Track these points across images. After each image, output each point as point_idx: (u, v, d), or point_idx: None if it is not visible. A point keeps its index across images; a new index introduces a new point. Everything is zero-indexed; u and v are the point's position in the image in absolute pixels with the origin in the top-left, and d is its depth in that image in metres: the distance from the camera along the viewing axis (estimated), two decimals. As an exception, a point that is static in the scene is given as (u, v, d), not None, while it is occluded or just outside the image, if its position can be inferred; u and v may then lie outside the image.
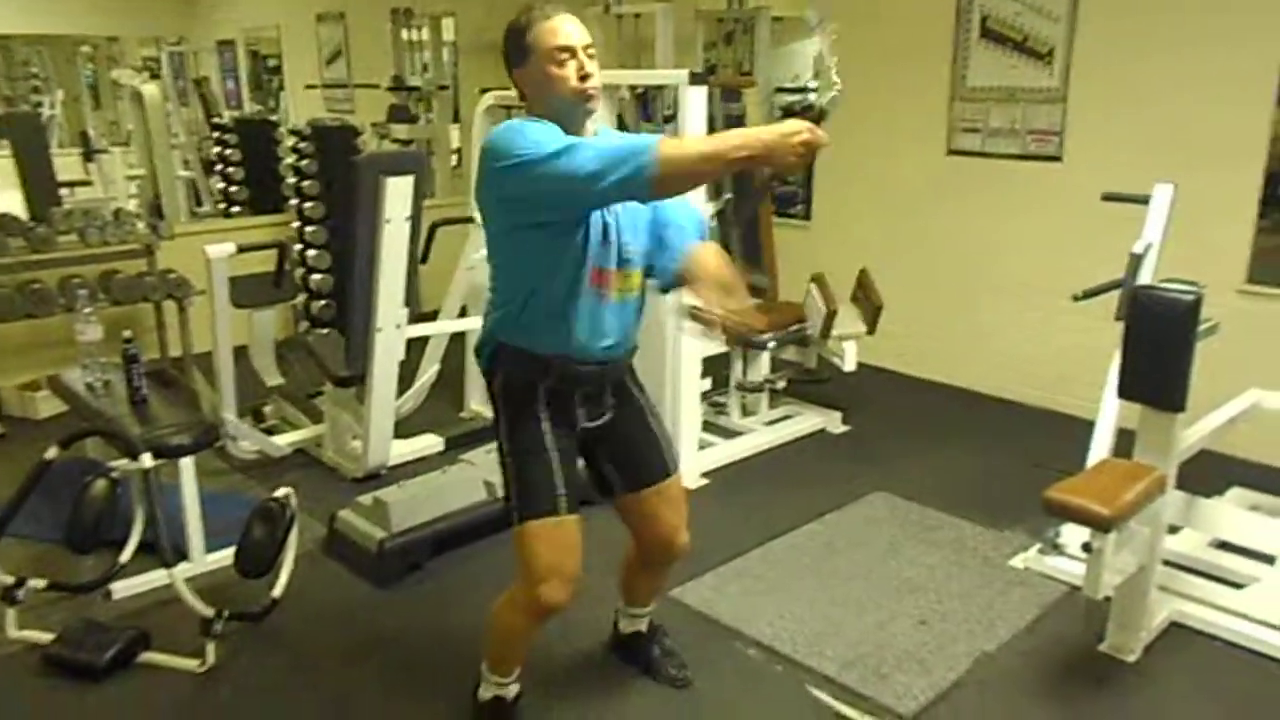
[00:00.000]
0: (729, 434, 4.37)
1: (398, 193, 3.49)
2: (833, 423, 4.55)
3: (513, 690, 2.47)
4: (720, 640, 2.88)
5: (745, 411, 4.55)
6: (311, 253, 4.05)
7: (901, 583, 3.19)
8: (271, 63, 7.65)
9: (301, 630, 2.94)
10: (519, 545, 2.19)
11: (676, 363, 3.83)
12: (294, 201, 4.16)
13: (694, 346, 3.84)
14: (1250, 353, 3.68)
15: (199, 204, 6.88)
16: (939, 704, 2.59)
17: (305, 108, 6.87)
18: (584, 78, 2.01)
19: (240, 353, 4.16)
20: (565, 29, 2.02)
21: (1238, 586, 3.02)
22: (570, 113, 2.04)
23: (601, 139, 2.06)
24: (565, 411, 2.20)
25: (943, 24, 4.81)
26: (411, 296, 3.77)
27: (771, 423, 4.49)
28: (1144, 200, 3.36)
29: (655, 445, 2.38)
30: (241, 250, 3.86)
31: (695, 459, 3.98)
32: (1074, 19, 4.39)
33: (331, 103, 7.04)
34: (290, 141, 4.31)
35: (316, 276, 4.06)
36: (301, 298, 4.12)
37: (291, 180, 4.18)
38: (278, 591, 2.99)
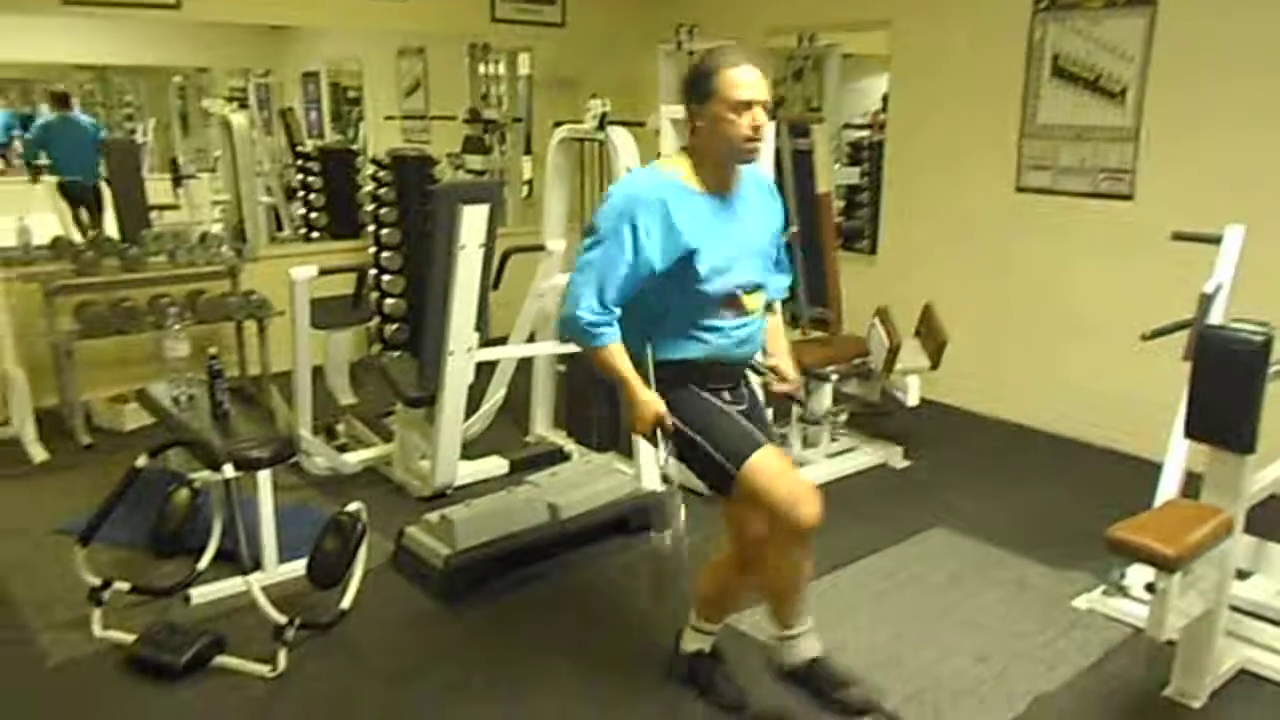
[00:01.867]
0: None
1: (473, 221, 3.61)
2: (894, 457, 4.54)
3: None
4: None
5: (807, 444, 4.56)
6: (387, 277, 4.19)
7: (961, 619, 3.18)
8: (352, 94, 7.91)
9: (367, 641, 3.03)
10: (752, 486, 2.28)
11: (739, 392, 3.87)
12: (371, 228, 4.31)
13: (757, 379, 3.88)
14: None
15: (279, 229, 7.12)
16: (997, 741, 2.58)
17: (384, 138, 7.09)
18: (755, 128, 2.23)
19: (316, 372, 4.30)
20: (749, 82, 2.21)
21: (1310, 635, 2.95)
22: (732, 157, 2.29)
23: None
24: (715, 393, 2.41)
25: (1014, 62, 4.82)
26: (483, 322, 3.88)
27: (833, 456, 4.49)
28: (1215, 240, 3.33)
29: (770, 427, 2.61)
30: (323, 273, 4.00)
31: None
32: (1147, 58, 4.37)
33: (409, 133, 7.26)
34: (370, 170, 4.47)
35: (391, 300, 4.19)
36: (375, 320, 4.26)
37: (370, 207, 4.33)
38: (346, 603, 3.10)
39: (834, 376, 4.27)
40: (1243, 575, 3.12)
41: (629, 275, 2.24)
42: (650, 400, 2.29)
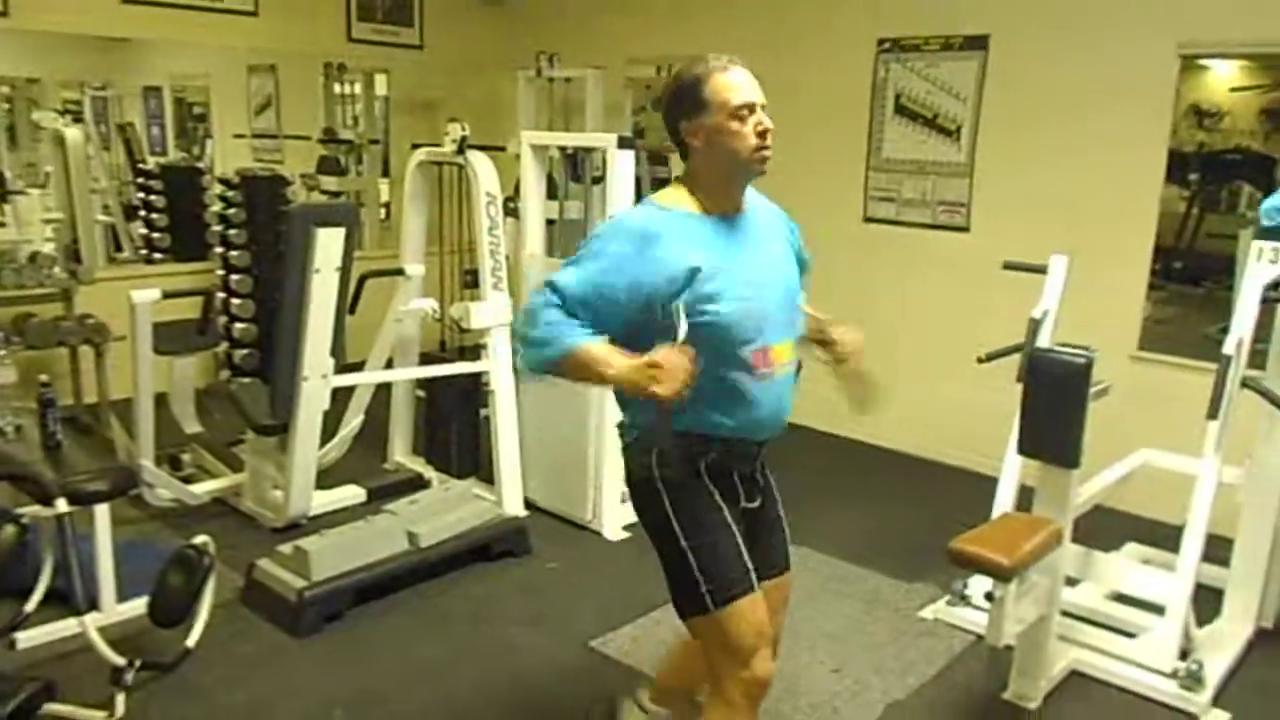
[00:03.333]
0: (651, 488, 4.43)
1: (328, 243, 3.53)
2: (752, 478, 4.64)
3: None
4: (639, 688, 2.92)
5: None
6: (236, 301, 4.05)
7: (816, 633, 3.28)
8: (198, 110, 7.61)
9: (215, 680, 2.90)
10: (721, 630, 1.99)
11: (601, 416, 3.90)
12: (219, 250, 4.15)
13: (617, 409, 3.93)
14: (1141, 416, 3.89)
15: (118, 249, 6.75)
16: (851, 750, 2.67)
17: (232, 157, 6.84)
18: (763, 134, 1.94)
19: (160, 400, 4.10)
20: (747, 84, 1.95)
21: (1131, 636, 3.17)
22: (740, 173, 1.99)
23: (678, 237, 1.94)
24: (730, 490, 2.07)
25: (860, 99, 5.06)
26: (338, 347, 3.79)
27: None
28: (1042, 269, 3.57)
29: (784, 532, 2.27)
30: (167, 296, 3.83)
31: (617, 512, 4.03)
32: (979, 99, 4.67)
33: (260, 153, 7.02)
34: (218, 190, 4.32)
35: (240, 325, 4.05)
36: (224, 346, 4.10)
37: (217, 228, 4.17)
38: (192, 641, 2.95)
39: (693, 399, 4.34)
40: (1072, 582, 3.34)
41: (609, 294, 1.88)
42: (634, 362, 1.82)
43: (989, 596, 2.66)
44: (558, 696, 2.90)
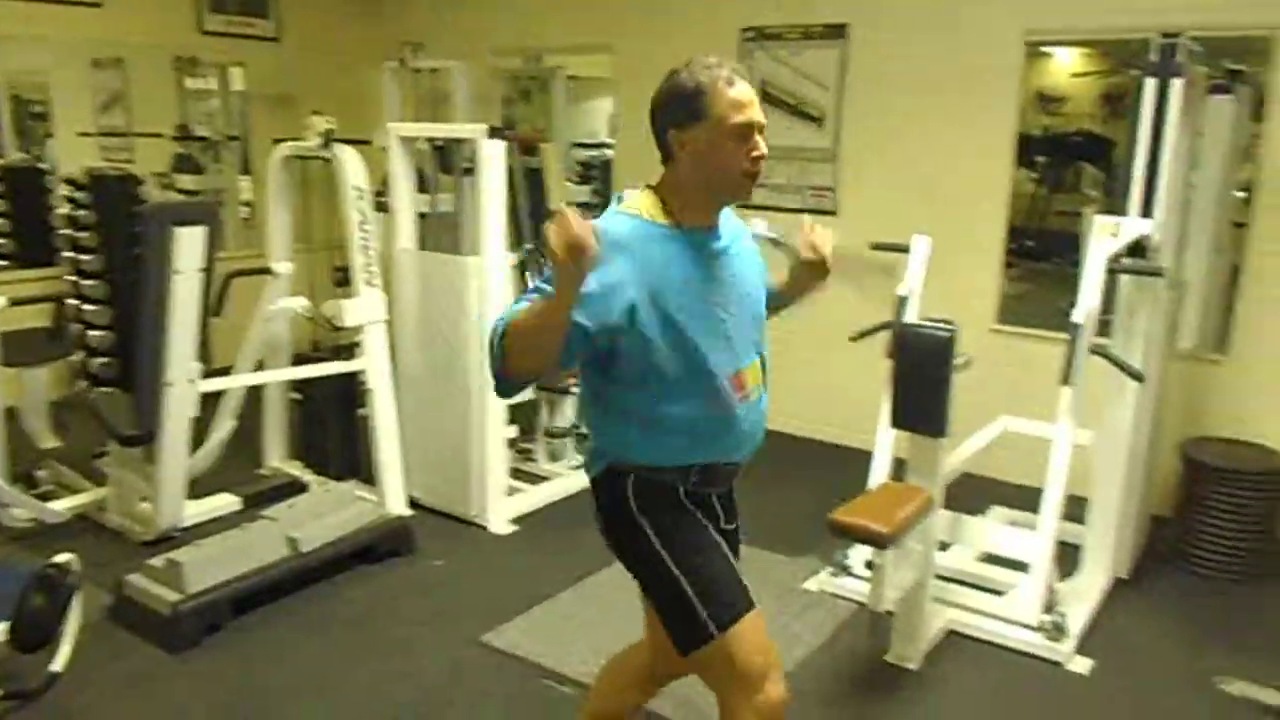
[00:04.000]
0: (536, 479, 4.43)
1: (189, 243, 3.39)
2: (637, 465, 4.68)
3: None
4: (533, 680, 2.93)
5: (553, 457, 4.63)
6: (89, 308, 3.83)
7: (706, 612, 3.33)
8: (36, 108, 7.17)
9: (88, 704, 2.76)
10: (727, 655, 1.86)
11: (483, 410, 3.87)
12: (68, 254, 3.92)
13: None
14: (1001, 386, 4.10)
15: (-46, 258, 6.33)
16: (744, 722, 2.73)
17: (77, 156, 6.48)
18: (756, 159, 1.81)
19: (9, 414, 3.87)
20: (752, 103, 1.80)
21: (1000, 594, 3.34)
22: (724, 194, 1.86)
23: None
24: (710, 512, 1.98)
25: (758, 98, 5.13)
26: (205, 350, 3.64)
27: (578, 467, 4.58)
28: (905, 249, 3.72)
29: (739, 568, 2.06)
30: (15, 304, 3.61)
31: (504, 505, 4.02)
32: (841, 86, 4.81)
33: (108, 151, 6.66)
34: (64, 191, 4.08)
35: (96, 333, 3.84)
36: (79, 355, 3.88)
37: (66, 231, 3.95)
38: (58, 665, 2.79)
39: (576, 389, 4.36)
40: (944, 547, 3.50)
41: (584, 324, 1.71)
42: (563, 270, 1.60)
43: (869, 565, 2.77)
44: (452, 692, 2.87)
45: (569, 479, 4.42)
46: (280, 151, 4.16)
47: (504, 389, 1.81)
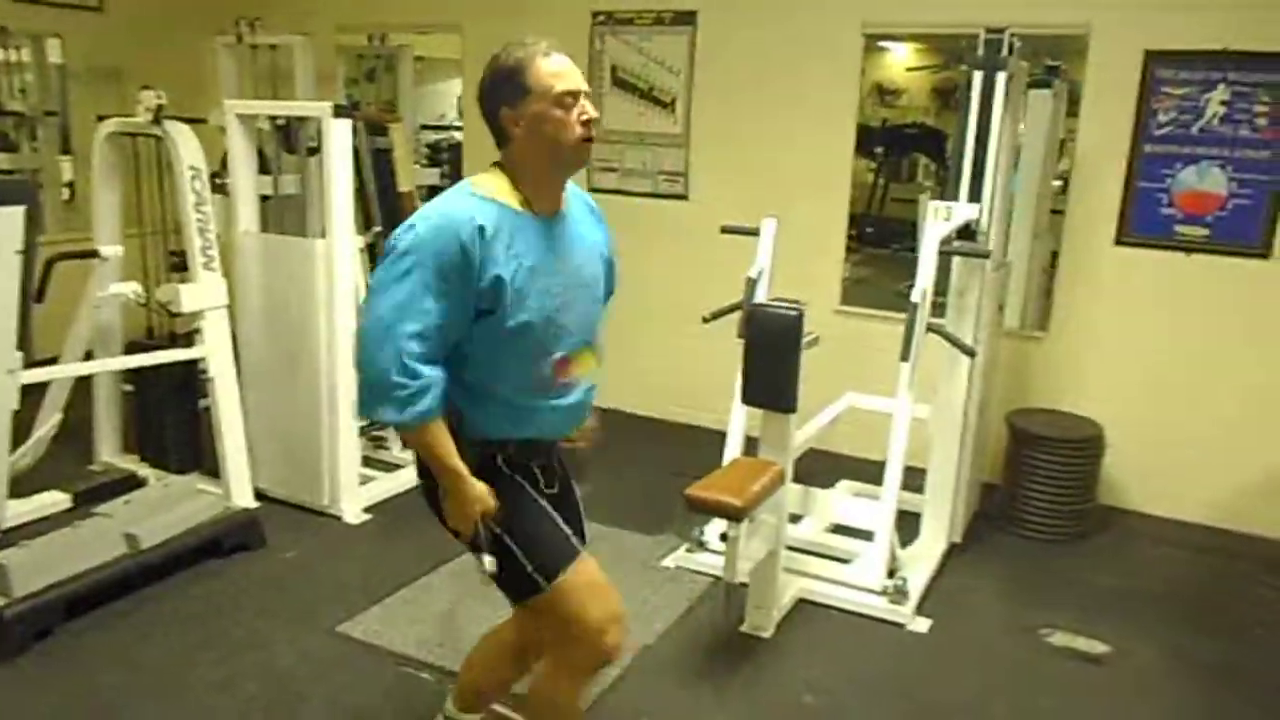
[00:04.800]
0: (390, 467, 4.34)
1: (5, 225, 3.15)
2: (493, 450, 4.65)
3: None
4: (390, 668, 2.88)
5: (405, 445, 4.54)
6: (-109, 294, 3.53)
7: (566, 592, 3.36)
8: None
9: (-100, 722, 2.56)
10: (558, 605, 1.96)
11: (334, 397, 3.77)
12: None
13: (351, 381, 3.81)
14: (845, 365, 4.27)
15: None
16: (608, 696, 2.78)
17: None
18: (587, 123, 1.88)
19: None
20: (570, 71, 1.89)
21: (847, 562, 3.49)
22: (563, 164, 1.92)
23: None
24: (529, 477, 2.04)
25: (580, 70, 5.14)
26: (25, 339, 3.40)
27: (433, 454, 4.51)
28: (755, 232, 3.82)
29: (580, 515, 2.21)
30: None
31: (356, 494, 3.93)
32: (691, 74, 4.90)
33: (-96, 126, 6.12)
34: None
35: (-102, 322, 3.54)
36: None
37: None
38: None
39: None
40: (795, 519, 3.63)
41: (448, 320, 1.82)
42: (478, 494, 1.89)
43: (724, 537, 2.85)
44: (308, 683, 2.80)
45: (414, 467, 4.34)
46: (105, 128, 3.92)
47: (371, 417, 1.91)
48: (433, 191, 6.06)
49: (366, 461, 4.24)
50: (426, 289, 1.79)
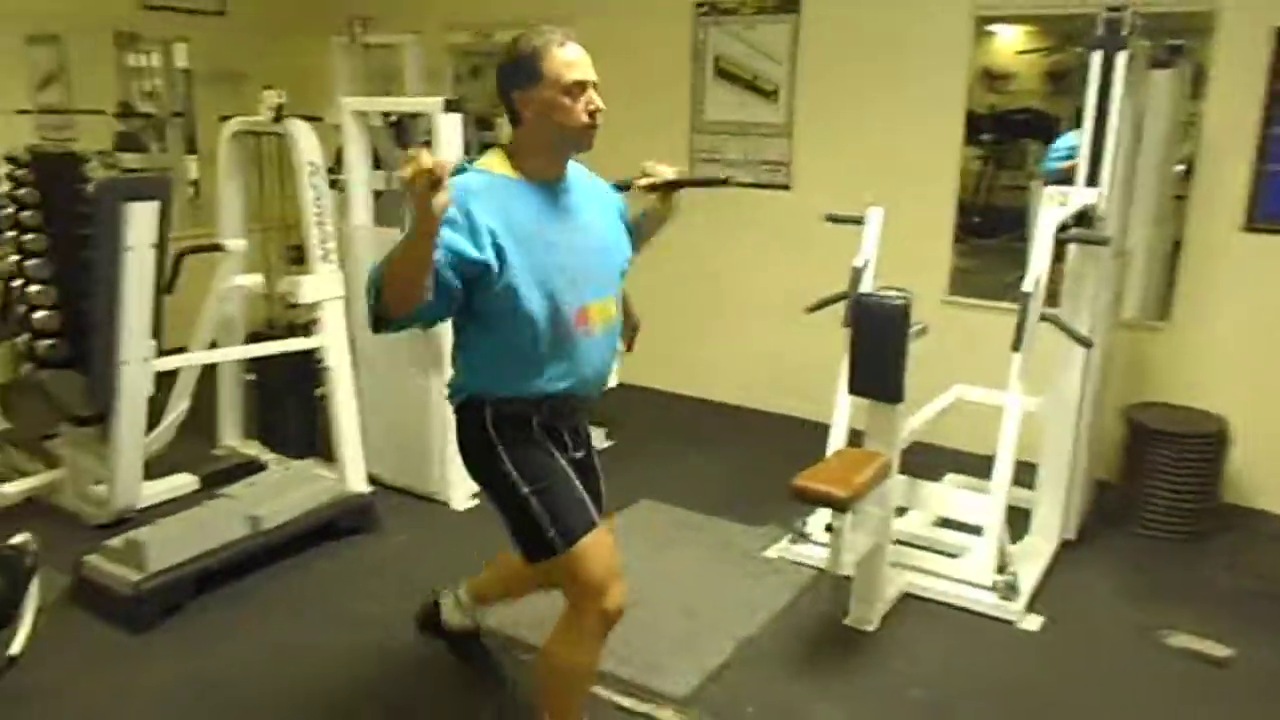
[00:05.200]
0: (497, 456, 4.42)
1: (141, 219, 3.34)
2: (597, 438, 4.70)
3: None
4: (498, 650, 2.94)
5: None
6: (34, 289, 3.75)
7: (668, 579, 3.39)
8: (-31, 86, 6.96)
9: (48, 687, 2.73)
10: (572, 569, 2.11)
11: (443, 386, 3.86)
12: (10, 233, 3.84)
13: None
14: (953, 356, 4.18)
15: (-114, 240, 6.14)
16: (709, 685, 2.79)
17: (15, 134, 6.31)
18: (593, 113, 2.03)
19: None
20: (582, 62, 2.03)
21: (955, 557, 3.43)
22: (567, 146, 2.07)
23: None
24: (559, 442, 2.20)
25: (681, 62, 5.16)
26: (158, 329, 3.59)
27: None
28: (860, 221, 3.77)
29: (600, 478, 2.37)
30: (-43, 283, 3.53)
31: (464, 481, 4.01)
32: (795, 62, 4.85)
33: (46, 130, 6.49)
34: (4, 169, 3.98)
35: (41, 314, 3.76)
36: (25, 336, 3.80)
37: (8, 211, 3.86)
38: (17, 648, 2.77)
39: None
40: (901, 512, 3.58)
41: (455, 253, 1.91)
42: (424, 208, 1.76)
43: (829, 528, 2.83)
44: (418, 664, 2.88)
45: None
46: (231, 127, 4.10)
47: (380, 326, 1.96)
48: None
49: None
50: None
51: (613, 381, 4.36)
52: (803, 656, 2.99)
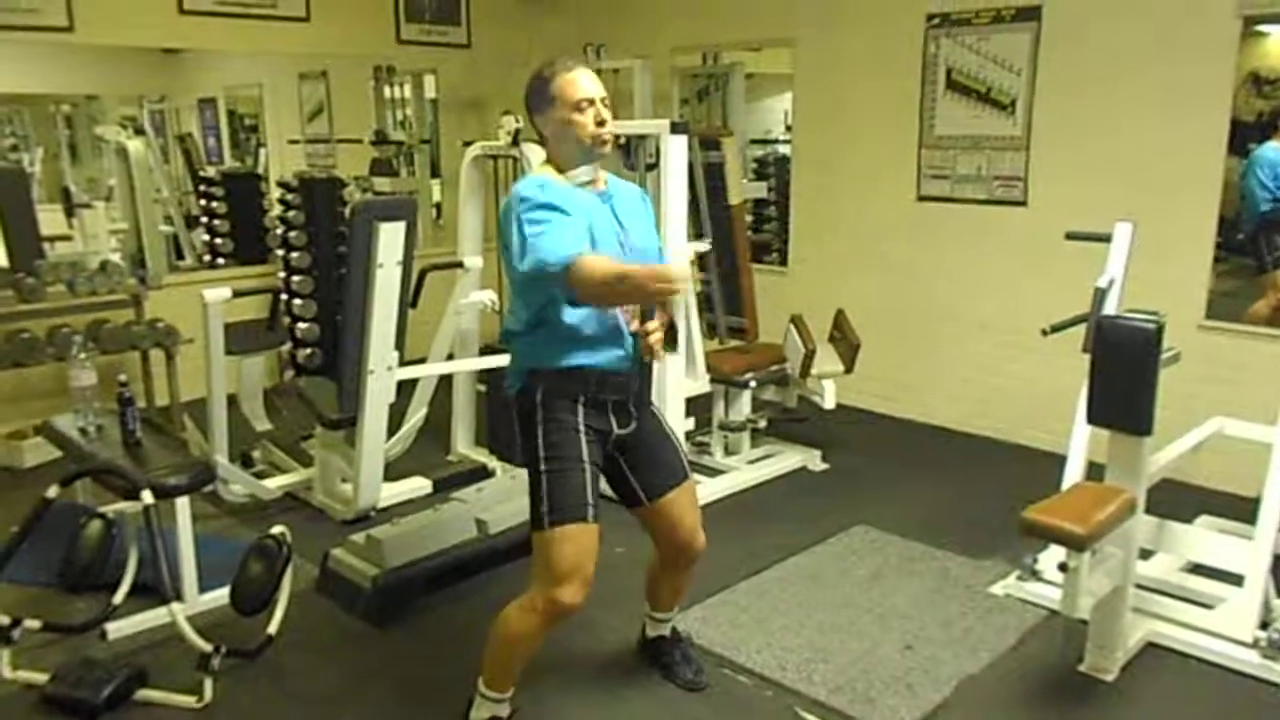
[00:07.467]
0: (713, 473, 4.45)
1: (390, 238, 3.59)
2: (813, 460, 4.64)
3: (506, 710, 2.56)
4: (710, 668, 2.94)
5: (728, 450, 4.64)
6: (298, 302, 4.13)
7: (886, 611, 3.27)
8: (249, 120, 7.76)
9: (296, 667, 2.97)
10: (544, 548, 2.32)
11: (662, 404, 3.91)
12: (280, 251, 4.24)
13: (679, 389, 3.97)
14: (1211, 387, 3.83)
15: (180, 257, 6.92)
16: (928, 724, 2.67)
17: (286, 162, 6.98)
18: (600, 124, 2.31)
19: (230, 400, 4.20)
20: (585, 82, 2.32)
21: (1208, 607, 3.11)
22: (586, 154, 2.34)
23: (584, 202, 2.33)
24: (601, 420, 2.40)
25: (911, 77, 5.01)
26: (401, 340, 3.85)
27: (754, 461, 4.57)
28: (1106, 238, 3.52)
29: (675, 450, 2.63)
30: (237, 295, 3.91)
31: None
32: (1034, 73, 4.61)
33: (313, 157, 7.14)
34: (277, 193, 4.41)
35: (303, 325, 4.13)
36: (288, 346, 4.19)
37: (279, 231, 4.26)
38: (273, 628, 3.03)
39: (752, 383, 4.36)
40: (1146, 554, 3.29)
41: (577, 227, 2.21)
42: (650, 271, 2.13)
43: (1062, 567, 2.63)
44: (634, 674, 2.92)
45: (745, 472, 4.42)
46: (473, 151, 4.35)
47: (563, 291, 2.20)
48: (759, 205, 6.21)
49: (690, 466, 4.36)
50: (548, 214, 2.20)
51: (829, 403, 4.31)
52: (1031, 702, 2.80)
